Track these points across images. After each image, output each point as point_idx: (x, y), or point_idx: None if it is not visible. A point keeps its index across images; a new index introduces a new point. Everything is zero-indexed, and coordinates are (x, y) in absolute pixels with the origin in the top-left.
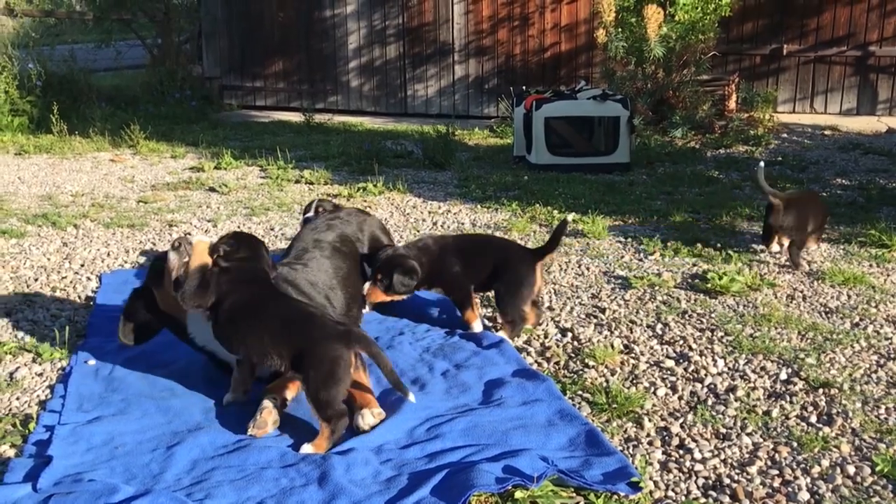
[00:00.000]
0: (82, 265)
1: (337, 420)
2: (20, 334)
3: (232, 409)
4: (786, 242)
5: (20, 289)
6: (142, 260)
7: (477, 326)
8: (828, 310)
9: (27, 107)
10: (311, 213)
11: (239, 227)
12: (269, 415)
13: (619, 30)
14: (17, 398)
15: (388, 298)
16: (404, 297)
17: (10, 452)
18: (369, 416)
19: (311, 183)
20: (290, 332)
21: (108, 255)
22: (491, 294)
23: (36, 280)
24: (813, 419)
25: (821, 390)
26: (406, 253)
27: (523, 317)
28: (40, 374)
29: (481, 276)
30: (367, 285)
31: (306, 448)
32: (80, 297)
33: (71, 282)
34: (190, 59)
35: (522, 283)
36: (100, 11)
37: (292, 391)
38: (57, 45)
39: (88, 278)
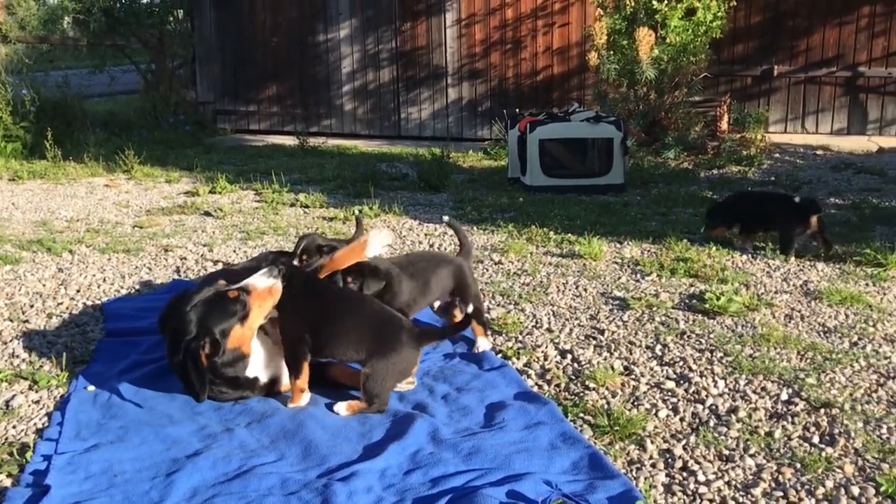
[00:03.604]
0: (78, 291)
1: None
2: (16, 361)
3: (226, 436)
4: None
5: (16, 315)
6: (139, 287)
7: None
8: (826, 329)
9: (21, 133)
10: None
11: (234, 251)
12: None
13: (611, 52)
14: (14, 426)
15: None
16: None
17: (7, 482)
18: None
19: (307, 206)
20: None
21: (104, 280)
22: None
23: (32, 306)
24: (815, 440)
25: (822, 410)
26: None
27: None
28: (37, 402)
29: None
30: None
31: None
32: (76, 324)
33: (67, 308)
34: (184, 84)
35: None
36: (94, 37)
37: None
38: (51, 71)
39: (84, 304)
